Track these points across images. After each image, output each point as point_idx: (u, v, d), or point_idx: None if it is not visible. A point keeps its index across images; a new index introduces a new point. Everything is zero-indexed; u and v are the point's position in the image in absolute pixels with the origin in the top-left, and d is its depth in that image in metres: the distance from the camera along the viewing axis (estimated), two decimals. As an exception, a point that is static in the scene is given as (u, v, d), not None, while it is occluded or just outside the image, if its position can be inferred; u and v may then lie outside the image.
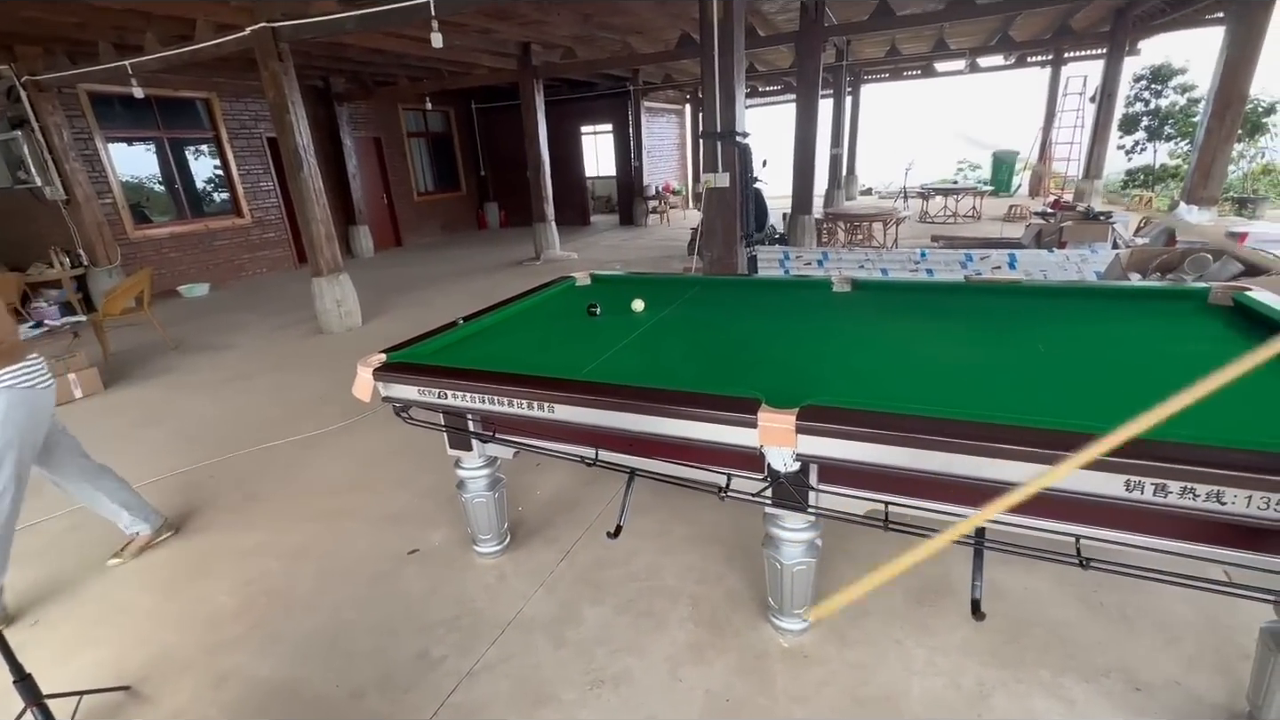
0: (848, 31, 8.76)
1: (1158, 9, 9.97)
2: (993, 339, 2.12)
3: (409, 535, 2.68)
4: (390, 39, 7.46)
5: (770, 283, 3.32)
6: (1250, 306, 2.07)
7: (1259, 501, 1.15)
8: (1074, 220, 7.29)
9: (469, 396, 1.93)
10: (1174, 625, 1.93)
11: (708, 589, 2.23)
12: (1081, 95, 12.87)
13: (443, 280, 8.59)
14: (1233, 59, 6.25)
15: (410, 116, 12.70)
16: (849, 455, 1.47)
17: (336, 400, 4.21)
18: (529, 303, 2.84)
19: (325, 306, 6.10)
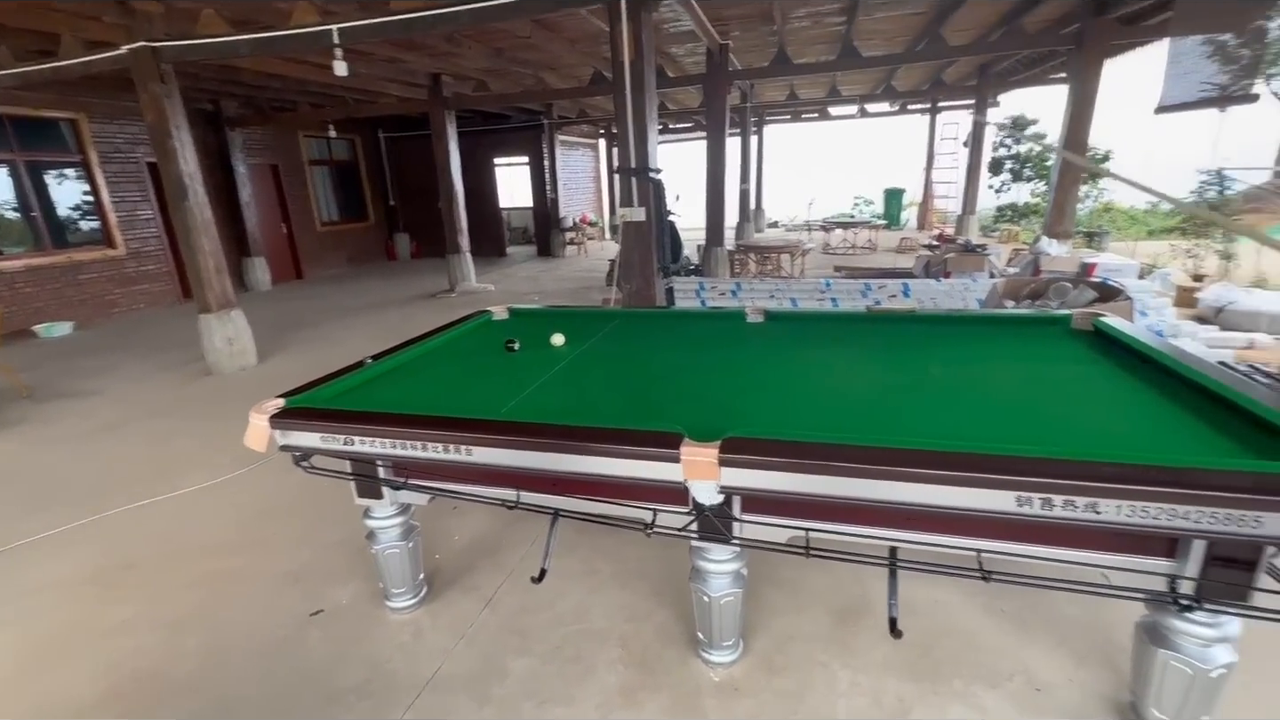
0: (750, 76, 9.31)
1: (1013, 68, 11.34)
2: (894, 364, 2.26)
3: (312, 595, 2.46)
4: (289, 65, 7.13)
5: (688, 314, 3.39)
6: (1106, 331, 2.34)
7: (1126, 510, 1.27)
8: (956, 252, 8.01)
9: (378, 442, 1.81)
10: (1065, 627, 2.09)
11: (637, 627, 2.19)
12: (955, 140, 14.33)
13: (349, 314, 8.14)
14: (1074, 113, 7.17)
15: (312, 143, 12.12)
16: (770, 485, 1.50)
17: (227, 448, 3.84)
18: (443, 339, 2.73)
19: (215, 345, 5.60)
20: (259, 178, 10.96)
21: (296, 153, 11.75)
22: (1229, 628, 1.48)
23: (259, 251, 10.69)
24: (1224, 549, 1.38)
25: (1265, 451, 1.41)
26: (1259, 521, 1.22)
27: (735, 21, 7.08)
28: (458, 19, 4.28)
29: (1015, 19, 7.16)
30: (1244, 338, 4.98)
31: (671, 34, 7.31)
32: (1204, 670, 1.49)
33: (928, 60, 8.94)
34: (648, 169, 4.26)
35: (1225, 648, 1.48)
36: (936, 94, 13.20)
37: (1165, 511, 1.26)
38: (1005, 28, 7.60)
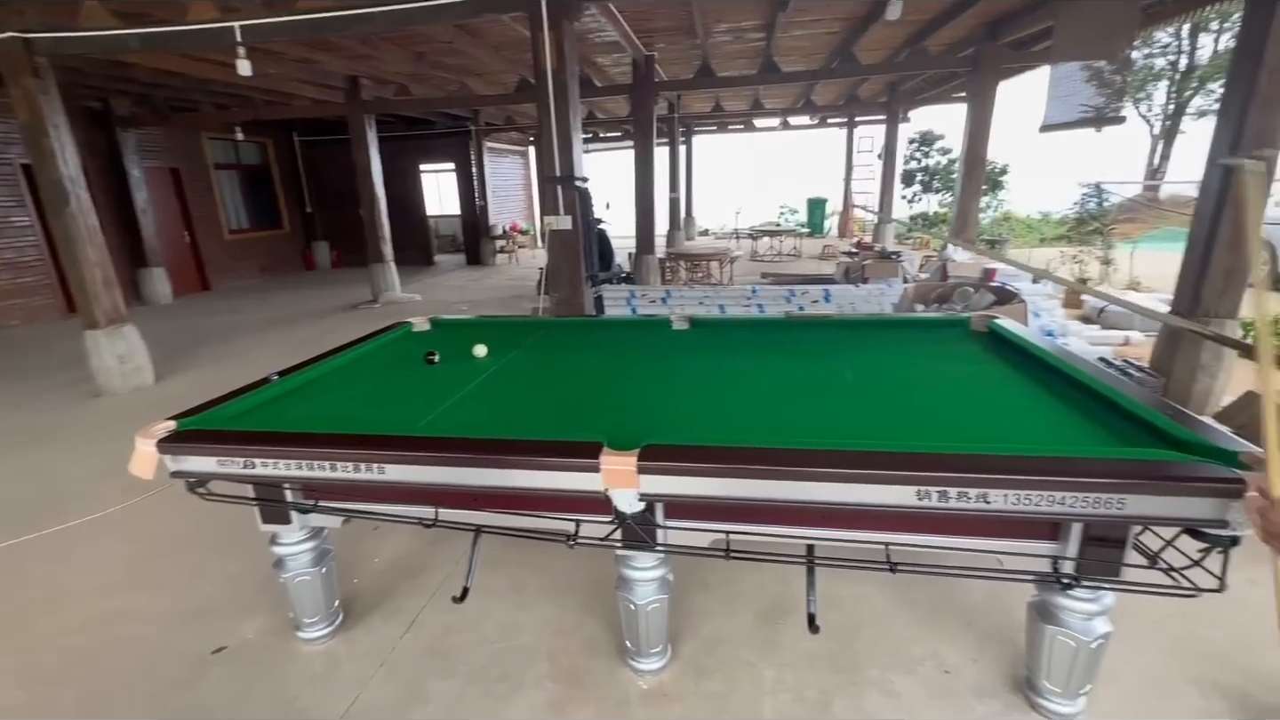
0: (676, 87, 9.51)
1: (920, 87, 12.11)
2: (810, 368, 2.34)
3: (213, 631, 2.28)
4: (188, 62, 6.66)
5: (614, 323, 3.40)
6: (999, 332, 2.52)
7: (1013, 498, 1.37)
8: (873, 259, 8.44)
9: (283, 463, 1.71)
10: (969, 611, 2.22)
11: (565, 640, 2.16)
12: (871, 153, 15.14)
13: (261, 328, 7.66)
14: (973, 130, 7.75)
15: (218, 146, 11.36)
16: (689, 491, 1.53)
17: (116, 477, 3.51)
18: (357, 353, 2.61)
19: (104, 364, 5.13)
20: (157, 182, 10.16)
21: (200, 156, 10.99)
22: (1105, 601, 1.61)
23: (157, 262, 9.88)
24: (1097, 530, 1.51)
25: (1130, 439, 1.56)
26: (1123, 503, 1.34)
27: (659, 34, 7.20)
28: (372, 21, 4.13)
29: (919, 41, 7.65)
30: (1121, 336, 5.50)
31: (597, 44, 7.35)
32: (1086, 642, 1.62)
33: (842, 77, 9.41)
34: (573, 177, 4.25)
35: (1102, 620, 1.62)
36: (853, 109, 13.91)
37: (1046, 498, 1.36)
38: (910, 49, 8.10)
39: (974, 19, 6.76)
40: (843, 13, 6.59)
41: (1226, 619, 2.11)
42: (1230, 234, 3.56)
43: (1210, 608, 2.01)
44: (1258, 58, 3.28)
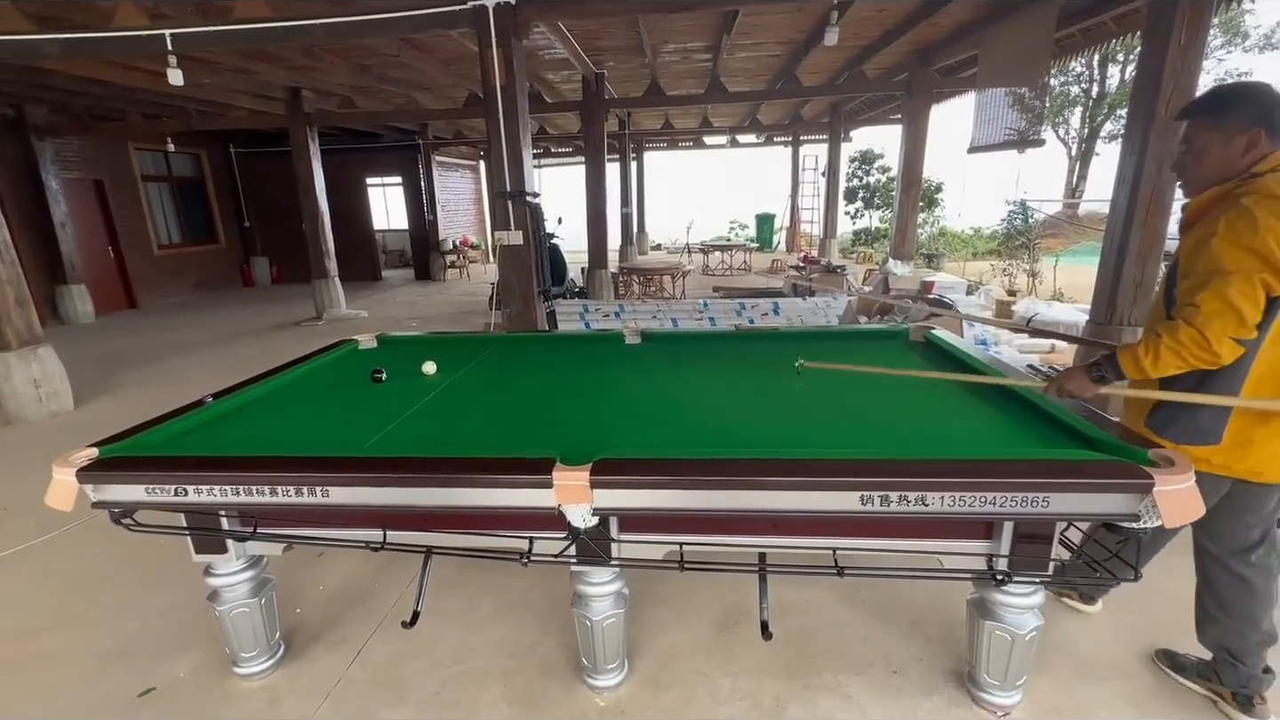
0: (626, 105, 9.65)
1: (860, 108, 12.67)
2: (758, 380, 2.40)
3: (141, 671, 2.14)
4: (114, 69, 6.34)
5: (566, 338, 3.40)
6: (934, 342, 2.65)
7: (948, 500, 1.44)
8: (819, 273, 8.72)
9: (218, 489, 1.63)
10: (915, 610, 2.30)
11: (521, 662, 2.12)
12: (815, 170, 15.69)
13: (195, 348, 7.28)
14: (909, 150, 8.16)
15: (146, 157, 10.81)
16: (642, 504, 1.54)
17: (30, 510, 3.27)
18: (300, 372, 2.53)
19: (15, 388, 4.77)
20: (78, 194, 9.57)
21: (127, 167, 10.42)
22: (1037, 596, 1.70)
23: (78, 279, 9.27)
24: (1026, 527, 1.60)
25: (1052, 441, 1.67)
26: (1047, 501, 1.43)
27: (609, 53, 7.31)
28: (312, 33, 4.05)
29: (857, 65, 8.02)
30: (1048, 344, 5.85)
31: (547, 60, 7.40)
32: (1020, 635, 1.70)
33: (786, 98, 9.78)
34: (524, 193, 4.24)
35: (1034, 613, 1.71)
36: (797, 128, 14.42)
37: (978, 499, 1.44)
38: (849, 72, 8.48)
39: (906, 46, 7.15)
40: (784, 37, 6.85)
41: (1144, 605, 2.26)
42: (1138, 248, 3.86)
43: (1129, 595, 2.15)
44: (1155, 88, 3.60)
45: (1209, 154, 1.60)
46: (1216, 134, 1.58)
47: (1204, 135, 1.60)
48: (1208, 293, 1.46)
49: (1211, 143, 1.59)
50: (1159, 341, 1.52)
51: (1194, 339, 1.46)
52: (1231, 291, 1.43)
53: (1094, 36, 5.81)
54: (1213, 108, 1.60)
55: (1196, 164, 1.63)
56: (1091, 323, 4.25)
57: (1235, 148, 1.56)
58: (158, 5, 4.44)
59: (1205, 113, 1.61)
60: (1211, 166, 1.60)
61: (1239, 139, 1.55)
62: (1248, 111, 1.55)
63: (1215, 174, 1.60)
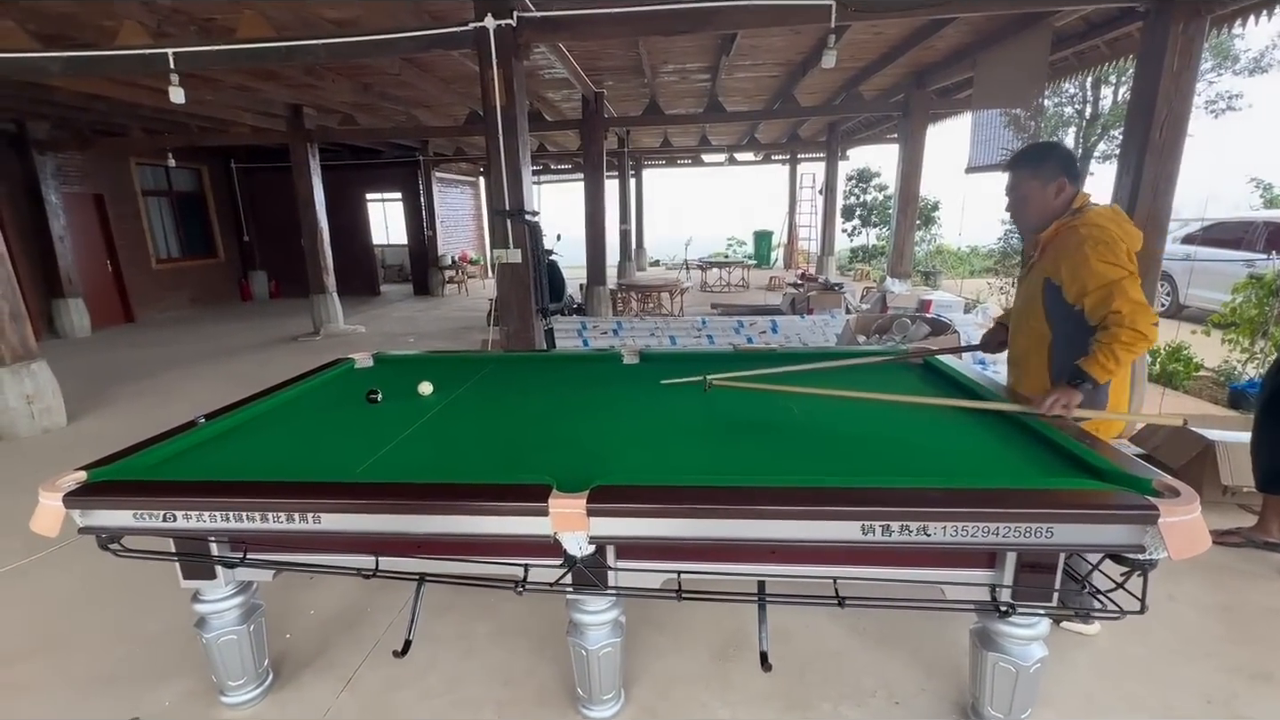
0: (625, 123, 9.74)
1: (857, 128, 12.81)
2: (757, 404, 2.38)
3: (126, 699, 2.08)
4: (116, 86, 6.38)
5: (563, 357, 3.38)
6: (933, 365, 2.64)
7: (950, 530, 1.42)
8: (817, 290, 8.75)
9: (207, 515, 1.60)
10: (916, 640, 2.26)
11: (515, 691, 2.07)
12: (812, 188, 15.82)
13: (192, 362, 7.25)
14: (906, 169, 8.23)
15: (146, 172, 10.86)
16: (640, 532, 1.51)
17: (17, 529, 3.19)
18: (294, 392, 2.50)
19: (8, 404, 4.72)
20: (78, 209, 9.59)
21: (127, 181, 10.46)
22: (1041, 627, 1.67)
23: (75, 292, 9.25)
24: (1029, 557, 1.57)
25: (1055, 469, 1.65)
26: (1051, 532, 1.40)
27: (609, 72, 7.39)
28: (314, 53, 4.08)
29: (854, 86, 8.12)
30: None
31: (547, 80, 7.47)
32: (1025, 667, 1.67)
33: (783, 118, 9.88)
34: (523, 211, 4.25)
35: (1039, 644, 1.67)
36: (795, 147, 14.57)
37: (982, 529, 1.41)
38: (846, 93, 8.58)
39: (903, 68, 7.24)
40: (782, 58, 6.94)
41: (1148, 635, 2.22)
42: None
43: (1134, 626, 2.12)
44: (1149, 112, 3.63)
45: (1033, 198, 2.06)
46: (1036, 182, 2.04)
47: (1027, 183, 2.06)
48: (1117, 300, 1.83)
49: (1033, 189, 2.05)
50: (1110, 347, 1.84)
51: (1133, 335, 1.82)
52: (1132, 292, 1.83)
53: (1087, 59, 5.89)
54: (1030, 162, 2.07)
55: (1024, 207, 2.10)
56: (1090, 343, 4.25)
57: (1049, 192, 2.02)
58: (160, 25, 4.48)
59: (1025, 166, 2.07)
60: (1035, 208, 2.06)
61: (1051, 185, 2.02)
62: (1056, 163, 2.02)
63: (1038, 214, 2.07)
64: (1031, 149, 2.17)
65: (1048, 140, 2.18)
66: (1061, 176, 2.01)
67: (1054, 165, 2.02)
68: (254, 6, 4.29)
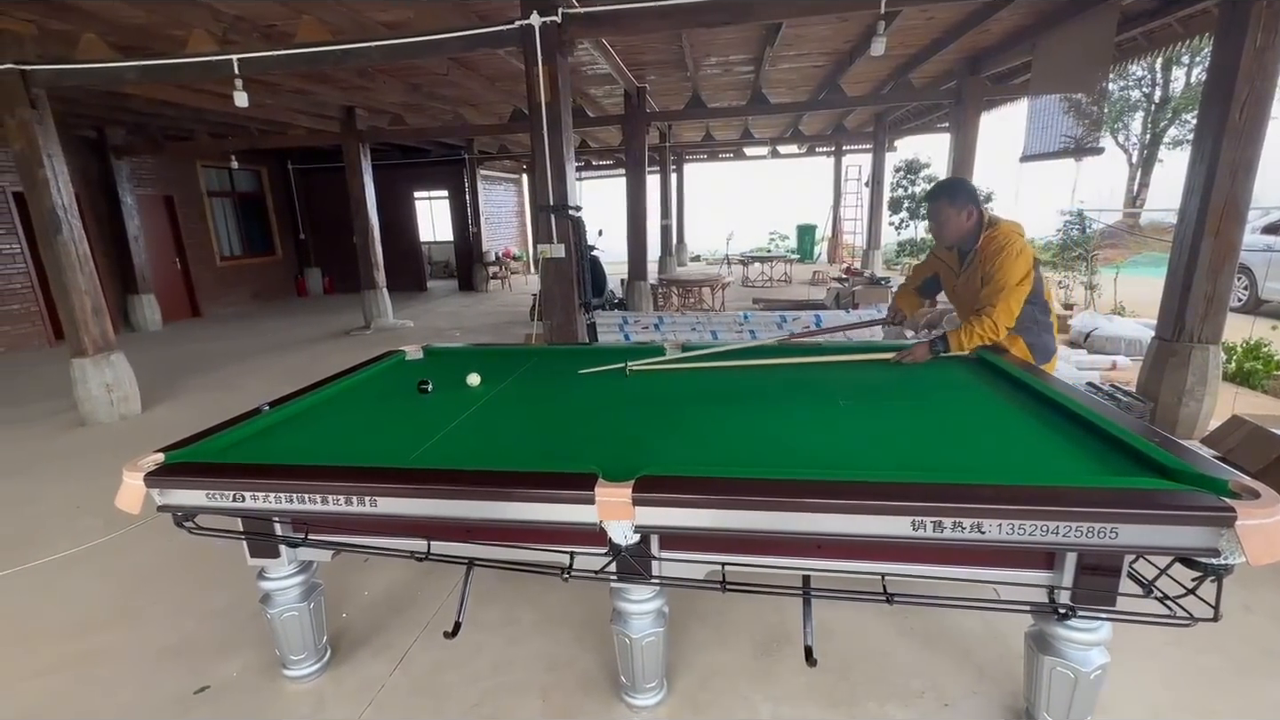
0: (667, 117, 9.70)
1: (905, 117, 12.42)
2: (802, 396, 2.35)
3: (196, 670, 2.22)
4: (185, 93, 6.74)
5: (607, 350, 3.40)
6: (987, 359, 2.55)
7: (1007, 528, 1.37)
8: (863, 284, 8.55)
9: (273, 497, 1.68)
10: (968, 641, 2.20)
11: (559, 676, 2.11)
12: (858, 180, 15.44)
13: (252, 355, 7.61)
14: (957, 159, 7.93)
15: (212, 174, 11.43)
16: (684, 522, 1.52)
17: (99, 509, 3.45)
18: (350, 382, 2.60)
19: (90, 392, 5.07)
20: (150, 209, 10.19)
21: (194, 183, 11.05)
22: (1102, 632, 1.60)
23: (148, 289, 9.86)
24: (1091, 559, 1.51)
25: (1120, 468, 1.57)
26: (1116, 533, 1.34)
27: (651, 66, 7.37)
28: (368, 55, 4.21)
29: (903, 74, 7.87)
30: (1108, 360, 5.57)
31: (590, 76, 7.51)
32: (1084, 673, 1.60)
33: (829, 109, 9.65)
34: (566, 206, 4.30)
35: (1100, 650, 1.61)
36: (840, 138, 14.22)
37: (1039, 528, 1.36)
38: (895, 82, 8.33)
39: (955, 54, 6.98)
40: (829, 48, 6.78)
41: (1222, 645, 2.10)
42: (1210, 260, 3.64)
43: (1206, 635, 2.00)
44: (1228, 92, 3.41)
45: (949, 222, 2.63)
46: (952, 210, 2.61)
47: (946, 211, 2.62)
48: (1000, 302, 2.48)
49: (948, 216, 2.62)
50: (971, 330, 2.53)
51: (991, 330, 2.50)
52: (1012, 301, 2.49)
53: (1158, 39, 5.56)
54: (947, 194, 2.64)
55: (943, 230, 2.67)
56: (1158, 339, 4.03)
57: (963, 217, 2.60)
58: (226, 32, 4.71)
59: (943, 197, 2.64)
60: (952, 229, 2.64)
61: (963, 212, 2.60)
62: (965, 195, 2.62)
63: (954, 234, 2.65)
64: (944, 184, 2.75)
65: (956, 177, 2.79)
66: (970, 205, 2.59)
67: (964, 197, 2.60)
68: (312, 12, 4.45)
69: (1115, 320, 6.59)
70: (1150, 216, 16.39)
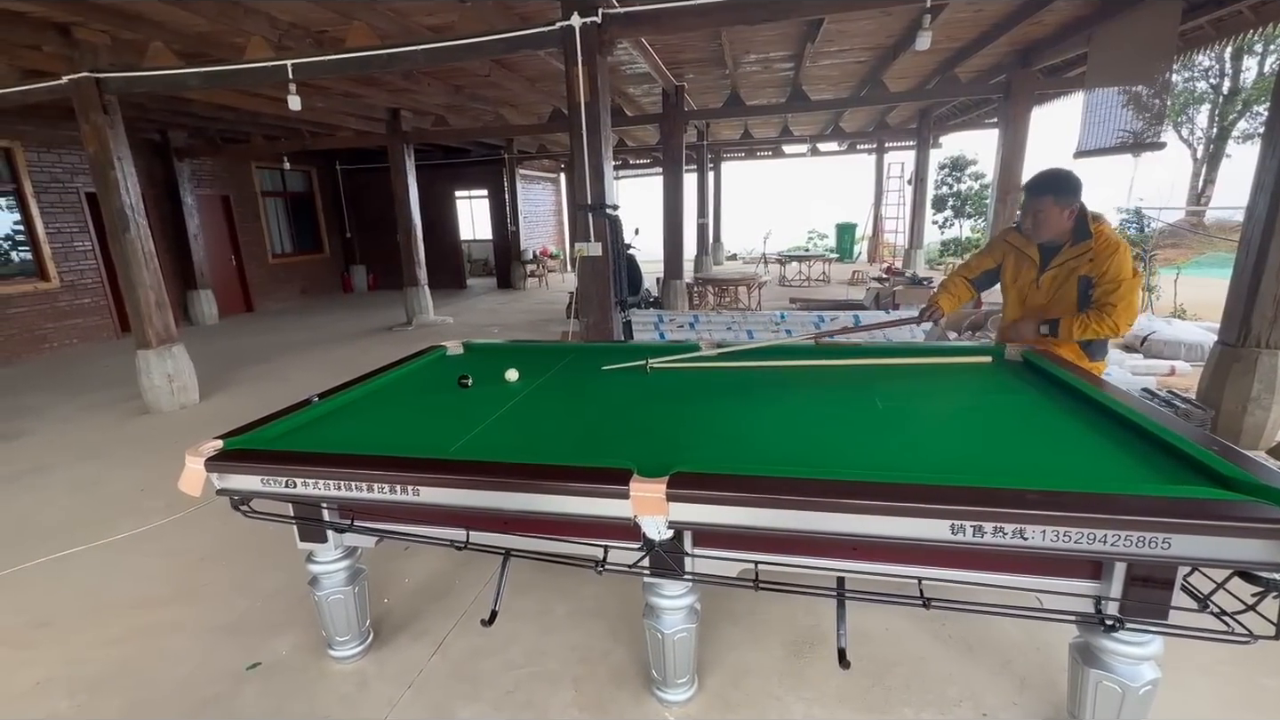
0: (705, 116, 9.66)
1: (950, 113, 12.07)
2: (839, 396, 2.32)
3: (249, 647, 2.33)
4: (242, 97, 7.05)
5: (642, 348, 3.42)
6: (1035, 362, 2.48)
7: (1051, 535, 1.34)
8: (903, 284, 8.36)
9: (322, 484, 1.76)
10: (1007, 649, 2.15)
11: (591, 668, 2.15)
12: (900, 178, 15.08)
13: (300, 349, 7.92)
14: (1006, 155, 7.67)
15: (265, 174, 11.91)
16: (718, 519, 1.52)
17: (161, 492, 3.65)
18: (394, 375, 2.69)
19: (153, 382, 5.36)
20: (209, 209, 10.68)
21: (249, 183, 11.53)
22: (1153, 646, 1.54)
23: (206, 284, 10.35)
24: (1142, 570, 1.46)
25: (1175, 476, 1.51)
26: (1169, 543, 1.29)
27: (689, 65, 7.36)
28: (414, 58, 4.33)
29: (949, 68, 7.66)
30: (1166, 365, 5.32)
31: (628, 75, 7.55)
32: (1133, 688, 1.55)
33: (871, 105, 9.46)
34: (604, 205, 4.33)
35: (1150, 665, 1.55)
36: (882, 135, 13.91)
37: (1086, 536, 1.32)
38: (940, 76, 8.11)
39: (1005, 46, 6.76)
40: (871, 43, 6.65)
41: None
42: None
43: (1268, 654, 1.91)
44: (1304, 83, 3.21)
45: (1051, 219, 2.47)
46: (1056, 207, 2.45)
47: (1050, 208, 2.45)
48: (1122, 298, 2.38)
49: (1052, 213, 2.46)
50: (1089, 322, 2.44)
51: (1111, 326, 2.42)
52: (1131, 296, 2.39)
53: (1226, 28, 5.27)
54: (1053, 189, 2.45)
55: (1040, 226, 2.51)
56: (1221, 344, 3.83)
57: (1065, 215, 2.46)
58: (281, 39, 4.90)
59: (1048, 192, 2.45)
60: (1052, 226, 2.49)
61: (1067, 210, 2.45)
62: (1071, 191, 2.43)
63: (1053, 231, 2.50)
64: (1052, 178, 2.48)
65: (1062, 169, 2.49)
66: (1076, 201, 2.44)
67: (1070, 192, 2.43)
68: (361, 17, 4.60)
69: (1174, 323, 6.29)
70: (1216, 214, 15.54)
